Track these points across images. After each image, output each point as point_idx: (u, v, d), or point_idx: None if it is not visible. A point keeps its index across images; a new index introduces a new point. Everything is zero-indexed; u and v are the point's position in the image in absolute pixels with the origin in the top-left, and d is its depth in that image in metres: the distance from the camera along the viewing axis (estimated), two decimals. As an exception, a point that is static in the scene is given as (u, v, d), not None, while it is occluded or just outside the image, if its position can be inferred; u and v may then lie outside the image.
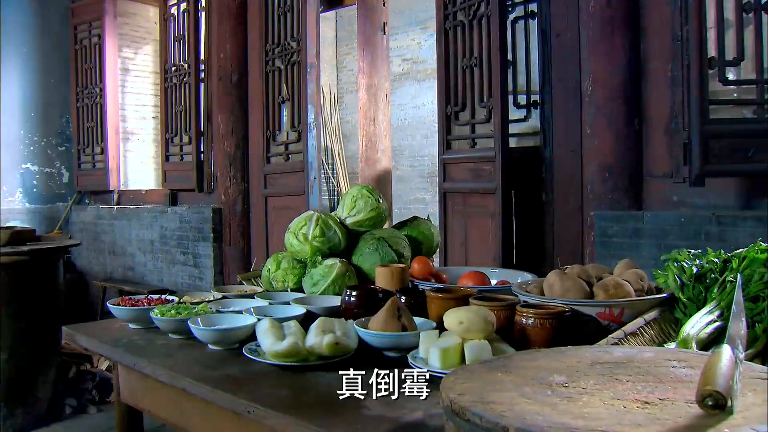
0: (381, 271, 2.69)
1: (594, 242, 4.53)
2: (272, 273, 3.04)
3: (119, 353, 2.36)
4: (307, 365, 2.06)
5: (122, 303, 2.69)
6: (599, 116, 4.50)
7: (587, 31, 4.55)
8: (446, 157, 5.27)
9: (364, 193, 3.09)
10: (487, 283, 2.77)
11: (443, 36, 5.28)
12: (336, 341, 2.05)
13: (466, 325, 2.03)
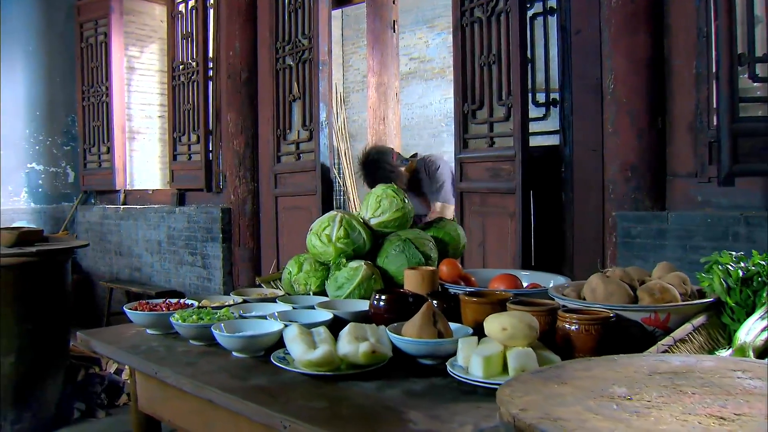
0: (410, 274, 2.57)
1: (616, 243, 4.42)
2: (294, 276, 2.92)
3: (139, 361, 2.25)
4: (341, 375, 1.95)
5: (140, 307, 2.59)
6: (621, 114, 4.38)
7: (609, 28, 4.43)
8: (463, 156, 5.16)
9: (388, 193, 2.98)
10: (520, 287, 2.66)
11: (459, 33, 5.17)
12: (373, 349, 1.94)
13: (510, 331, 1.92)
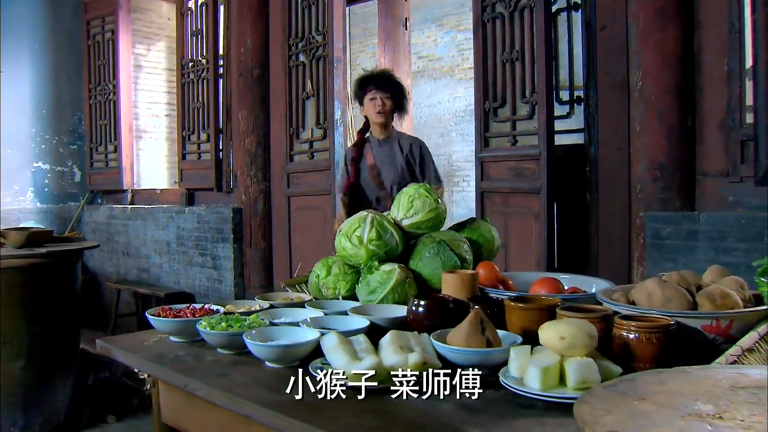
0: (449, 278, 2.44)
1: (644, 245, 4.29)
2: (322, 279, 2.79)
3: (166, 372, 2.11)
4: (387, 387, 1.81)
5: (163, 313, 2.45)
6: (650, 112, 4.26)
7: (637, 24, 4.30)
8: (484, 155, 5.04)
9: (421, 193, 2.84)
10: (563, 291, 2.52)
11: (481, 29, 5.04)
12: (424, 360, 1.81)
13: (569, 340, 1.79)
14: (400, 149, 4.41)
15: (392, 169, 4.37)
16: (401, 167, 4.36)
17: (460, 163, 12.53)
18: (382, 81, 4.44)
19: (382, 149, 4.42)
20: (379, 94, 4.33)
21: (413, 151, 4.44)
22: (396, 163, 4.38)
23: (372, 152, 4.43)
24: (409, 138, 4.57)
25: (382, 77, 4.54)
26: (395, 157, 4.39)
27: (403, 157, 4.38)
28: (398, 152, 4.40)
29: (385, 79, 4.48)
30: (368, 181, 4.41)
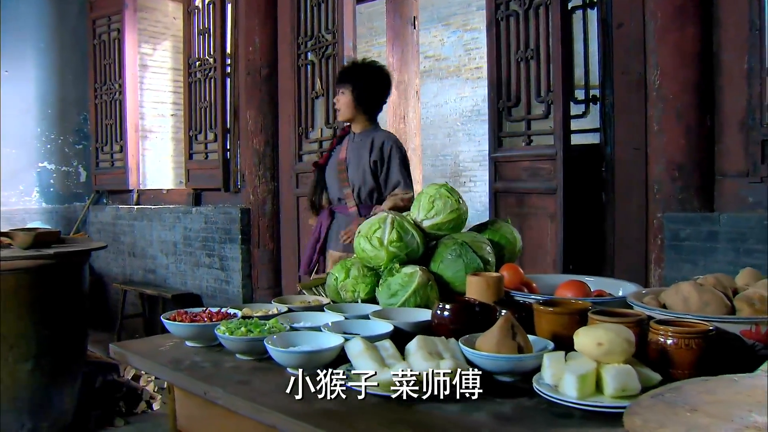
0: (474, 280, 2.36)
1: (662, 246, 4.22)
2: (340, 282, 2.72)
3: (184, 379, 2.03)
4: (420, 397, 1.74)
5: (179, 317, 2.37)
6: (668, 111, 4.18)
7: (654, 21, 4.23)
8: (498, 156, 4.97)
9: (442, 193, 2.77)
10: (590, 294, 2.45)
11: (494, 27, 4.97)
12: (458, 367, 1.73)
13: (607, 347, 1.71)
14: (370, 148, 4.08)
15: (357, 167, 4.10)
16: (365, 167, 4.07)
17: (467, 163, 12.48)
18: (340, 74, 4.28)
19: (355, 145, 4.16)
20: (337, 89, 4.15)
21: (383, 150, 4.07)
22: (362, 162, 4.09)
23: (347, 146, 4.20)
24: (383, 136, 4.17)
25: (344, 69, 4.37)
26: (362, 155, 4.09)
27: (370, 157, 4.06)
28: (366, 150, 4.08)
29: (344, 71, 4.29)
30: (333, 178, 4.19)
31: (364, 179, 4.04)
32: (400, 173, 4.05)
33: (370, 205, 4.05)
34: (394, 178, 4.04)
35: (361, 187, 4.05)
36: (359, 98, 4.08)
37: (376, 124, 4.21)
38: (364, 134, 4.14)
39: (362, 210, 4.04)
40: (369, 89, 4.11)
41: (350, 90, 4.06)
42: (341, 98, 4.09)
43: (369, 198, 4.06)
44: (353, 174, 4.07)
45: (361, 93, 4.08)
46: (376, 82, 4.16)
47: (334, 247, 4.12)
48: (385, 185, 4.05)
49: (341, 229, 4.07)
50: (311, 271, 4.20)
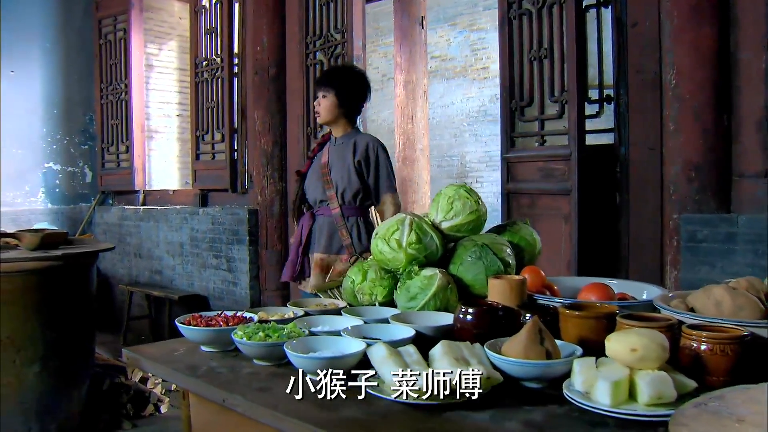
0: (496, 283, 2.30)
1: (678, 247, 4.15)
2: (357, 284, 2.66)
3: (201, 385, 1.97)
4: (447, 404, 1.68)
5: (193, 322, 2.32)
6: (684, 111, 4.11)
7: (671, 20, 4.16)
8: (510, 156, 4.90)
9: (461, 194, 2.71)
10: (614, 297, 2.39)
11: (507, 26, 4.91)
12: (488, 375, 1.68)
13: (641, 353, 1.66)
14: (353, 150, 4.03)
15: (341, 169, 4.03)
16: (349, 168, 4.00)
17: (474, 164, 12.42)
18: (322, 77, 4.21)
19: (337, 148, 4.10)
20: (319, 92, 4.05)
21: (368, 152, 4.03)
22: (345, 162, 4.02)
23: (328, 151, 4.13)
24: (367, 138, 4.14)
25: (326, 72, 4.32)
26: (346, 156, 4.03)
27: (354, 159, 4.01)
28: (350, 152, 4.03)
29: (326, 74, 4.23)
30: (314, 181, 4.11)
31: (349, 180, 3.98)
32: (389, 179, 4.04)
33: (354, 206, 3.99)
34: (384, 185, 4.02)
35: (345, 188, 3.98)
36: (341, 102, 4.03)
37: (356, 128, 4.17)
38: (346, 137, 4.09)
39: (345, 211, 3.98)
40: (351, 93, 4.06)
41: (333, 93, 4.01)
42: (323, 101, 4.02)
43: (353, 199, 3.99)
44: (336, 176, 4.01)
45: (344, 97, 4.03)
46: (358, 87, 4.12)
47: (316, 249, 4.05)
48: (375, 190, 4.01)
49: (323, 231, 4.03)
50: (296, 275, 4.14)
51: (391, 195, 4.01)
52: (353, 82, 4.09)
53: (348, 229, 3.95)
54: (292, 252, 4.16)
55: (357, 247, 3.94)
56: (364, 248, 3.94)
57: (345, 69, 4.25)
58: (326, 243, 3.99)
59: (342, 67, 4.27)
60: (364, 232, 3.98)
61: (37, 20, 8.54)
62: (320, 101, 4.01)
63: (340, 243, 3.96)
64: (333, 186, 4.00)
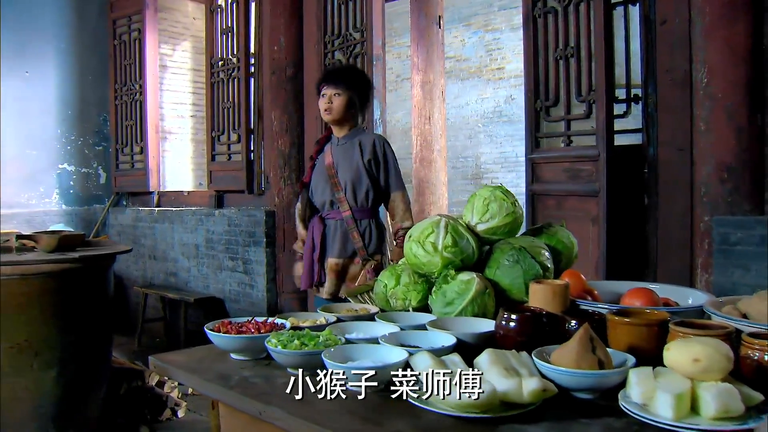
0: (538, 288, 2.21)
1: (710, 250, 4.05)
2: (390, 289, 2.56)
3: (235, 397, 1.87)
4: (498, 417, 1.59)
5: (223, 328, 2.22)
6: (717, 111, 4.01)
7: (702, 17, 4.06)
8: (535, 157, 4.81)
9: (497, 195, 2.61)
10: (659, 303, 2.29)
11: (531, 24, 4.82)
12: (544, 387, 1.58)
13: (705, 363, 1.57)
14: (360, 148, 3.94)
15: (348, 167, 3.93)
16: (358, 166, 3.91)
17: (489, 165, 12.32)
18: (334, 75, 4.07)
19: (341, 148, 4.00)
20: (330, 90, 3.94)
21: (376, 150, 3.97)
22: (353, 161, 3.93)
23: (331, 152, 4.03)
24: (372, 136, 4.09)
25: (337, 71, 4.20)
26: (353, 155, 3.94)
27: (362, 156, 3.92)
28: (357, 151, 3.94)
29: (339, 73, 4.12)
30: (321, 184, 4.01)
31: (360, 179, 3.89)
32: (398, 176, 4.01)
33: (366, 208, 3.91)
34: (394, 182, 3.98)
35: (355, 189, 3.90)
36: (353, 102, 3.97)
37: (358, 128, 4.08)
38: (349, 137, 4.00)
39: (356, 214, 3.89)
40: (362, 94, 4.02)
41: (347, 93, 3.93)
42: (336, 100, 3.92)
43: (365, 200, 3.90)
44: (344, 176, 3.92)
45: (356, 97, 3.97)
46: (367, 89, 4.10)
47: (330, 254, 3.94)
48: (385, 188, 3.95)
49: (336, 235, 3.93)
50: (314, 283, 4.04)
51: (401, 193, 3.97)
52: (364, 84, 4.07)
53: (360, 232, 3.88)
54: (307, 259, 4.05)
55: (370, 250, 3.89)
56: (375, 250, 3.91)
57: (356, 70, 4.20)
58: (339, 247, 3.91)
59: (351, 67, 4.23)
60: (376, 234, 3.94)
61: (52, 20, 8.49)
62: (332, 99, 3.92)
63: (353, 246, 3.89)
64: (342, 187, 3.91)
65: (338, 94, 3.91)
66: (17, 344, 4.21)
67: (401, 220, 3.92)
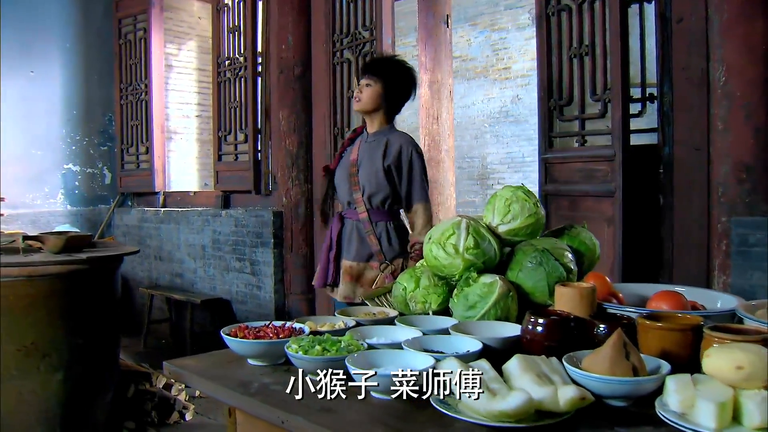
0: (565, 292, 2.14)
1: (728, 252, 3.98)
2: (410, 292, 2.50)
3: (255, 404, 1.80)
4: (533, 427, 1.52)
5: (240, 333, 2.15)
6: (735, 110, 3.94)
7: (720, 15, 3.99)
8: (549, 156, 4.74)
9: (519, 195, 2.54)
10: (687, 307, 2.23)
11: (545, 22, 4.75)
12: (582, 395, 1.52)
13: (748, 370, 1.50)
14: (384, 149, 3.67)
15: (369, 169, 3.69)
16: (378, 171, 3.66)
17: (495, 165, 12.26)
18: (369, 65, 3.86)
19: (368, 145, 3.76)
20: (364, 79, 3.74)
21: (401, 155, 3.66)
22: (375, 163, 3.67)
23: (359, 147, 3.80)
24: (400, 138, 3.75)
25: (373, 61, 3.95)
26: (376, 156, 3.68)
27: (384, 162, 3.65)
28: (381, 152, 3.67)
29: (374, 62, 3.90)
30: (342, 180, 3.82)
31: (377, 183, 3.67)
32: (422, 186, 3.71)
33: (383, 211, 3.71)
34: (417, 193, 3.70)
35: (373, 193, 3.69)
36: (386, 94, 3.75)
37: (391, 125, 3.85)
38: (379, 134, 3.77)
39: (373, 216, 3.71)
40: (398, 87, 3.79)
41: (380, 84, 3.72)
42: (367, 89, 3.71)
43: (381, 204, 3.71)
44: (364, 176, 3.71)
45: (390, 89, 3.75)
46: (406, 82, 3.84)
47: (345, 256, 3.80)
48: (407, 197, 3.70)
49: (352, 237, 3.77)
50: (328, 283, 3.91)
51: (423, 204, 3.69)
52: (402, 76, 3.82)
53: (377, 235, 3.70)
54: (323, 257, 3.94)
55: (387, 254, 3.70)
56: (395, 254, 3.71)
57: (396, 61, 3.91)
58: (355, 250, 3.76)
59: (393, 58, 3.94)
60: (395, 236, 3.73)
61: (57, 20, 8.44)
62: (362, 88, 3.73)
63: (369, 250, 3.72)
64: (360, 188, 3.72)
65: (370, 84, 3.72)
66: (24, 347, 4.16)
67: (419, 234, 3.65)
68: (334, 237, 3.85)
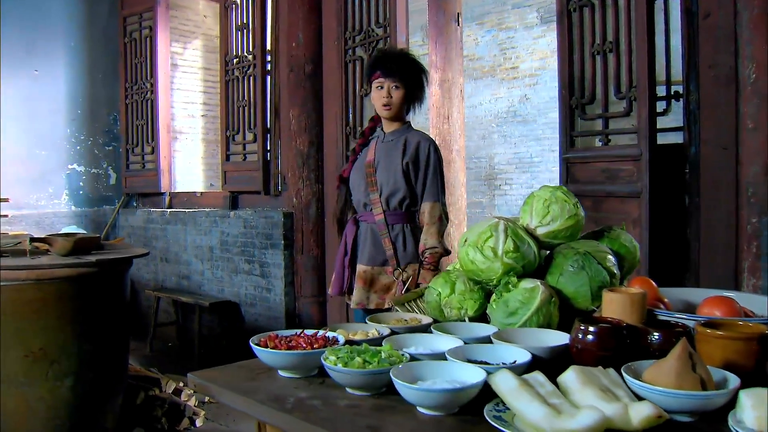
0: (614, 298, 2.02)
1: (758, 254, 3.86)
2: (444, 298, 2.38)
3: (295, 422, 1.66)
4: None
5: (271, 343, 2.02)
6: (765, 108, 3.82)
7: (749, 10, 3.87)
8: (570, 156, 4.60)
9: (558, 196, 2.43)
10: (740, 313, 2.10)
11: (566, 18, 4.62)
12: (659, 414, 1.40)
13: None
14: (403, 149, 3.61)
15: (388, 168, 3.62)
16: (396, 170, 3.60)
17: (502, 165, 12.14)
18: (391, 64, 3.63)
19: (385, 146, 3.68)
20: (387, 81, 3.58)
21: (419, 152, 3.61)
22: (394, 162, 3.61)
23: (375, 147, 3.72)
24: (419, 136, 3.69)
25: (393, 59, 3.70)
26: (395, 155, 3.62)
27: (403, 159, 3.60)
28: (400, 153, 3.61)
29: (396, 62, 3.66)
30: (358, 181, 3.73)
31: (395, 183, 3.59)
32: (436, 185, 3.62)
33: (399, 212, 3.62)
34: (430, 191, 3.61)
35: (390, 192, 3.60)
36: (410, 98, 3.68)
37: (409, 123, 3.77)
38: (397, 133, 3.69)
39: (389, 218, 3.61)
40: (420, 91, 3.71)
41: (404, 86, 3.62)
42: (396, 93, 3.60)
43: (399, 205, 3.61)
44: (382, 176, 3.62)
45: (413, 93, 3.68)
46: (424, 85, 3.75)
47: (360, 260, 3.70)
48: (421, 196, 3.62)
49: (367, 240, 3.67)
50: (345, 290, 3.79)
51: (431, 203, 3.59)
52: (422, 80, 3.73)
53: (392, 238, 3.60)
54: (338, 264, 3.83)
55: (401, 259, 3.60)
56: (409, 259, 3.60)
57: (413, 58, 3.77)
58: (370, 254, 3.65)
59: (407, 55, 3.78)
60: (411, 240, 3.62)
61: (61, 18, 8.31)
62: (391, 92, 3.60)
63: (384, 254, 3.62)
64: (377, 188, 3.62)
65: (397, 86, 3.61)
66: (32, 352, 4.04)
67: (424, 237, 3.55)
68: (349, 242, 3.75)
